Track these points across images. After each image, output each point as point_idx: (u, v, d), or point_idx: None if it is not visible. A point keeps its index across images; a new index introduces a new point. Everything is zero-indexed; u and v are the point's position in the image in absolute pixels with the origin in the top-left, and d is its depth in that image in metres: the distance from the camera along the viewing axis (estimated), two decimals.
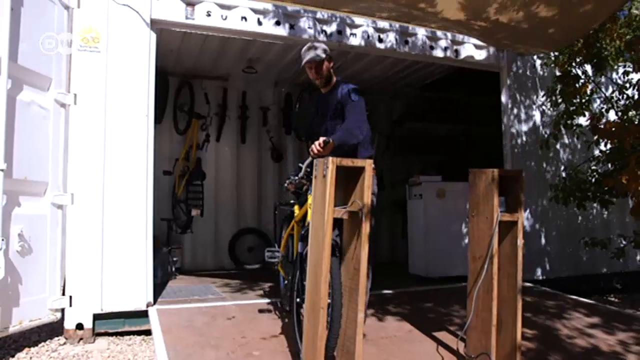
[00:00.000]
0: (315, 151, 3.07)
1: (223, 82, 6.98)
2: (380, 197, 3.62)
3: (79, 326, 3.89)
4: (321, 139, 3.06)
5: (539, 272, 5.91)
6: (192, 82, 6.70)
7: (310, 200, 2.92)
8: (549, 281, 5.75)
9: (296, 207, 3.66)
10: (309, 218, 2.87)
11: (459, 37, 5.42)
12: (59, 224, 3.95)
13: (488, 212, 2.94)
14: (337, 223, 2.76)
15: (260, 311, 4.04)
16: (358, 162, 2.67)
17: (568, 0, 2.97)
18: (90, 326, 3.93)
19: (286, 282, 3.85)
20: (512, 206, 3.03)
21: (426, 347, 3.35)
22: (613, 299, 6.12)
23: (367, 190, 2.60)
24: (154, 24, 4.29)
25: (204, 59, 6.14)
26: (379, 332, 3.56)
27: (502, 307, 2.95)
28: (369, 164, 2.65)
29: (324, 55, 3.42)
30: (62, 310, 3.89)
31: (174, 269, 5.89)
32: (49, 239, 3.86)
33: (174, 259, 6.00)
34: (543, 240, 6.03)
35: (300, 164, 3.30)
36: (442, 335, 3.54)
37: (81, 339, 3.88)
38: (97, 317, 3.96)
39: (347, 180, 2.69)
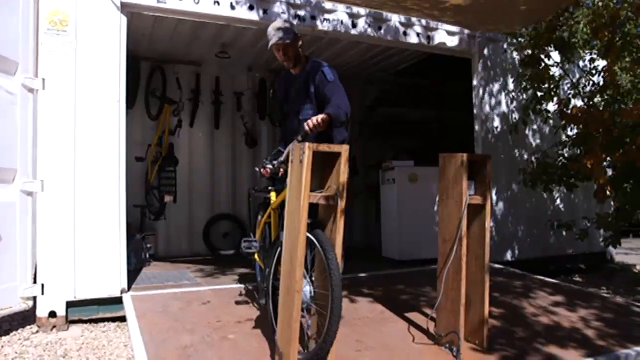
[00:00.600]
0: (311, 126, 2.92)
1: (196, 67, 6.88)
2: (353, 182, 3.60)
3: (52, 314, 3.86)
4: (320, 115, 2.95)
5: (508, 254, 6.09)
6: (164, 67, 6.59)
7: None
8: (518, 262, 5.92)
9: (272, 194, 3.54)
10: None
11: (432, 23, 5.46)
12: (29, 211, 3.89)
13: (457, 196, 3.01)
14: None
15: (236, 296, 4.06)
16: (334, 148, 2.68)
17: None
18: (64, 314, 3.90)
19: (267, 270, 3.72)
20: (480, 190, 3.12)
21: (398, 327, 3.43)
22: (577, 279, 6.36)
23: (342, 175, 2.63)
24: (124, 7, 4.21)
25: (176, 43, 6.05)
26: (352, 313, 3.63)
27: (470, 287, 3.05)
28: (345, 150, 2.66)
29: (292, 36, 3.30)
30: (34, 298, 3.85)
31: (147, 255, 5.85)
32: (18, 227, 3.81)
33: (148, 245, 5.96)
34: (513, 223, 6.20)
35: (281, 148, 3.16)
36: (414, 315, 3.63)
37: (54, 326, 3.85)
38: (70, 305, 3.93)
39: (323, 166, 2.71)
